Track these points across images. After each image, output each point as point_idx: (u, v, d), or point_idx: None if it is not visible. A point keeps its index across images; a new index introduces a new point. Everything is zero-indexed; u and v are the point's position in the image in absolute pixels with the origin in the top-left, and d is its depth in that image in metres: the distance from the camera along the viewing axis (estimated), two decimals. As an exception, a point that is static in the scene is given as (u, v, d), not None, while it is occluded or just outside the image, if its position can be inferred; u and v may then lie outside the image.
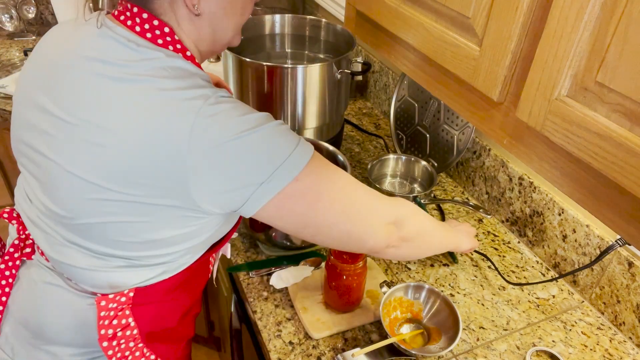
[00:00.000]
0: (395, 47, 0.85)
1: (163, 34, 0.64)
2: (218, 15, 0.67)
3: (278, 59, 1.40)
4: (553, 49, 0.52)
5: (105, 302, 0.68)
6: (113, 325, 0.69)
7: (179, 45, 0.65)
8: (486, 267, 1.07)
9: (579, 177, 0.55)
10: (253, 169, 0.60)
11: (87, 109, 0.60)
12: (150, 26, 0.63)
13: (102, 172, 0.60)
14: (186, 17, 0.65)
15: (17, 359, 0.76)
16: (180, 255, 0.71)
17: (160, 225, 0.64)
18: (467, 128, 1.20)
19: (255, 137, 0.60)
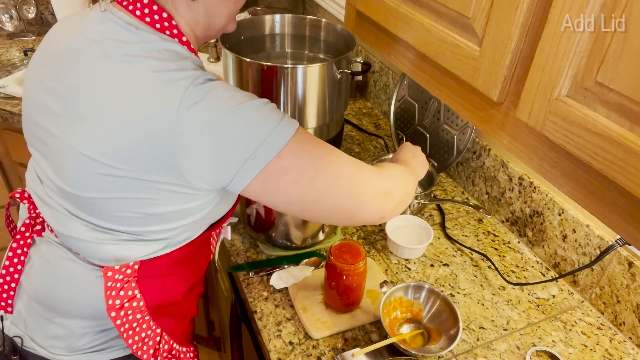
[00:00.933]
0: (395, 47, 0.85)
1: (161, 18, 0.67)
2: (213, 1, 0.70)
3: (278, 59, 1.40)
4: (553, 49, 0.52)
5: (111, 273, 0.71)
6: (120, 296, 0.72)
7: (175, 31, 0.68)
8: (486, 267, 1.07)
9: (579, 177, 0.55)
10: (238, 145, 0.62)
11: (86, 88, 0.64)
12: (149, 11, 0.67)
13: (100, 149, 0.63)
14: (183, 1, 0.69)
15: (30, 332, 0.79)
16: (181, 231, 0.73)
17: (159, 202, 0.67)
18: (467, 128, 1.20)
19: (240, 114, 0.62)
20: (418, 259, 1.09)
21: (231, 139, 0.62)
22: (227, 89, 0.64)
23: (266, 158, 0.63)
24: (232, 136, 0.62)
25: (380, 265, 1.06)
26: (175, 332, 0.84)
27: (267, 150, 0.63)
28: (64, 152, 0.66)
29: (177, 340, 0.85)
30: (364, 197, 0.72)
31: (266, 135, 0.63)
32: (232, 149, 0.62)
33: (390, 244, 1.09)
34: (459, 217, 1.21)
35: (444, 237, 1.15)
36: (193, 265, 0.83)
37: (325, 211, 0.71)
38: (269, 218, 1.01)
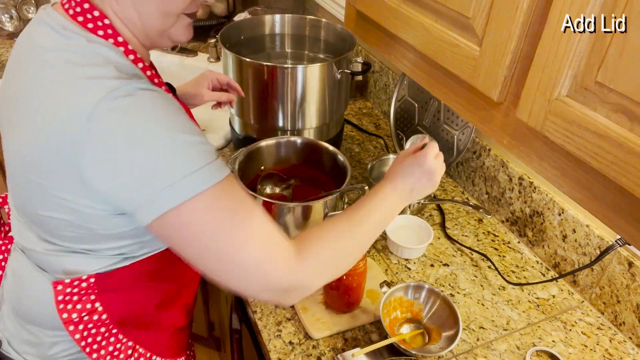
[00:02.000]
0: (395, 47, 0.85)
1: (94, 17, 0.63)
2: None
3: (278, 59, 1.40)
4: (553, 49, 0.52)
5: (62, 287, 0.68)
6: (77, 310, 0.70)
7: (110, 30, 0.63)
8: (486, 267, 1.07)
9: (579, 177, 0.55)
10: (136, 184, 0.56)
11: (20, 94, 0.63)
12: (81, 9, 0.62)
13: (23, 159, 0.61)
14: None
15: (8, 335, 0.78)
16: (136, 247, 0.70)
17: (88, 223, 0.63)
18: (467, 128, 1.20)
19: (147, 145, 0.55)
20: (418, 259, 1.09)
21: (131, 174, 0.56)
22: (147, 108, 0.57)
23: (162, 208, 0.56)
24: (132, 170, 0.55)
25: (380, 265, 1.06)
26: (155, 345, 0.81)
27: (165, 200, 0.56)
28: (7, 160, 0.66)
29: (159, 352, 0.82)
30: (266, 279, 0.62)
31: (169, 182, 0.55)
32: (131, 184, 0.56)
33: (390, 244, 1.09)
34: (459, 217, 1.21)
35: (444, 237, 1.15)
36: (166, 277, 0.79)
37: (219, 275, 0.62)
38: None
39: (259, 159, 1.15)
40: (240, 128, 1.31)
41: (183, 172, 0.56)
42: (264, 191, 1.14)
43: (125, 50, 0.64)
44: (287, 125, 1.22)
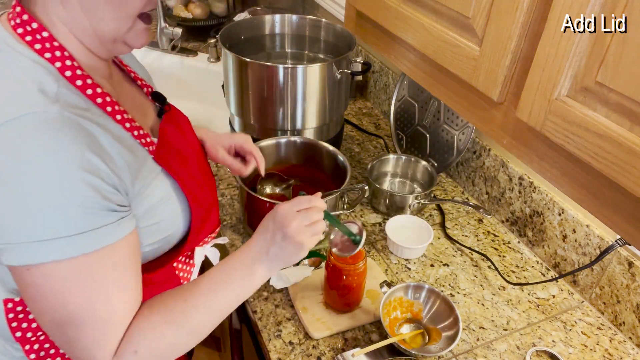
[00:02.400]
0: (395, 47, 0.85)
1: (33, 30, 0.59)
2: (88, 1, 0.59)
3: (278, 59, 1.40)
4: (553, 48, 0.52)
5: (12, 305, 0.66)
6: (32, 329, 0.68)
7: (47, 44, 0.59)
8: (486, 267, 1.07)
9: (579, 177, 0.55)
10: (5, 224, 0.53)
11: None
12: (21, 21, 0.59)
13: None
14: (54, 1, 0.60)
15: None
16: None
17: None
18: (467, 128, 1.20)
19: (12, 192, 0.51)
20: (418, 259, 1.09)
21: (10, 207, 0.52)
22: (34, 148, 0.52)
23: (13, 260, 0.54)
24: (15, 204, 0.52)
25: (380, 265, 1.06)
26: None
27: (20, 253, 0.53)
28: None
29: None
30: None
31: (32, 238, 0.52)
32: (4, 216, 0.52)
33: (390, 244, 1.09)
34: (459, 217, 1.21)
35: (444, 237, 1.15)
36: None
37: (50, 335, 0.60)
38: (269, 218, 1.01)
39: (259, 159, 1.15)
40: (240, 128, 1.31)
41: (38, 236, 0.52)
42: (264, 191, 1.14)
43: (63, 67, 0.59)
44: (287, 125, 1.22)
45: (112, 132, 0.60)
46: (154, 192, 0.67)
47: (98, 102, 0.62)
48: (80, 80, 0.60)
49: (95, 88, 0.62)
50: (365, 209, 1.22)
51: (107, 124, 0.61)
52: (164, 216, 0.69)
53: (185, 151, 0.78)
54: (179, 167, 0.73)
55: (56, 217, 0.53)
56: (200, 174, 0.79)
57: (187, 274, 0.84)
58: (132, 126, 0.66)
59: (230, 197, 1.22)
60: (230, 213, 1.17)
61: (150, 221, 0.67)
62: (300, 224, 0.67)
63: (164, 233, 0.71)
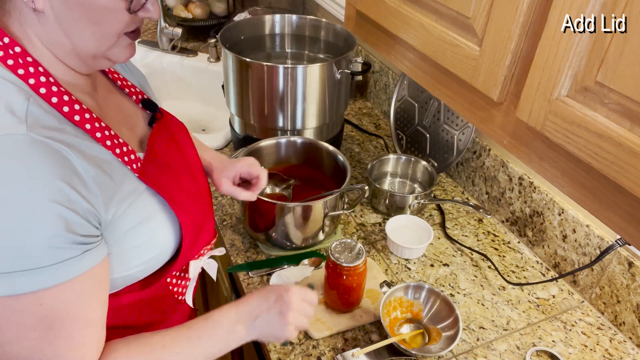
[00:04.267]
0: (395, 47, 0.85)
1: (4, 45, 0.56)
2: (65, 18, 0.57)
3: (278, 59, 1.40)
4: (553, 49, 0.52)
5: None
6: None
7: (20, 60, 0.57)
8: (486, 267, 1.07)
9: (579, 177, 0.55)
10: None
11: None
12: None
13: None
14: (26, 11, 0.56)
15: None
16: None
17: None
18: (467, 128, 1.20)
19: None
20: (418, 259, 1.09)
21: None
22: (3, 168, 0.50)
23: None
24: None
25: (380, 265, 1.06)
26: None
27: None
28: None
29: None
30: None
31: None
32: None
33: (390, 244, 1.09)
34: (459, 217, 1.21)
35: (444, 237, 1.15)
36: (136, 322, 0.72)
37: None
38: (269, 218, 1.01)
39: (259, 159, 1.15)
40: (240, 128, 1.31)
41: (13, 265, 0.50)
42: (264, 191, 1.14)
43: (37, 83, 0.56)
44: (287, 125, 1.22)
45: (86, 153, 0.57)
46: (135, 213, 0.64)
47: (75, 120, 0.59)
48: (55, 97, 0.57)
49: (72, 105, 0.59)
50: (365, 209, 1.22)
51: (81, 144, 0.58)
52: (148, 236, 0.66)
53: (176, 163, 0.74)
54: (167, 182, 0.69)
55: (16, 250, 0.50)
56: (193, 185, 0.76)
57: (182, 288, 0.81)
58: (115, 143, 0.63)
59: (230, 197, 1.22)
60: (230, 213, 1.17)
61: (132, 243, 0.64)
62: (299, 312, 0.71)
63: (150, 253, 0.68)
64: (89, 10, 0.56)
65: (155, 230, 0.67)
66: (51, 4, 0.55)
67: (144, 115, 0.77)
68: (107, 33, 0.59)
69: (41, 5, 0.55)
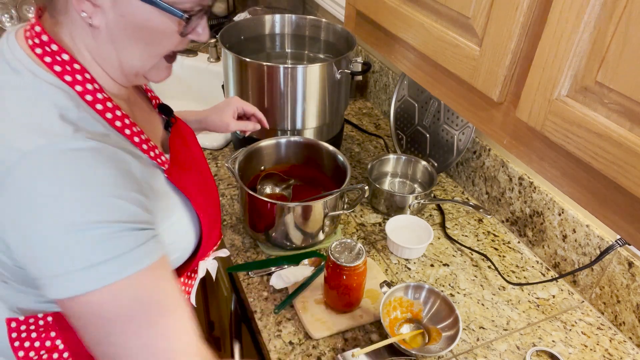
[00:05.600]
0: (395, 47, 0.85)
1: (52, 52, 0.57)
2: (119, 36, 0.58)
3: (278, 59, 1.40)
4: (553, 49, 0.52)
5: (15, 324, 0.65)
6: (35, 348, 0.65)
7: (68, 67, 0.58)
8: (486, 267, 1.07)
9: (579, 177, 0.55)
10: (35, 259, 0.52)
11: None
12: (40, 41, 0.58)
13: None
14: (80, 24, 0.58)
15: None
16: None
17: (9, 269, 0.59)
18: (467, 128, 1.20)
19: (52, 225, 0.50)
20: (418, 259, 1.09)
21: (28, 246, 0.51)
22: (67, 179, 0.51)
23: (57, 294, 0.52)
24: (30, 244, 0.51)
25: (380, 265, 1.06)
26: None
27: (59, 288, 0.51)
28: None
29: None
30: None
31: (63, 270, 0.51)
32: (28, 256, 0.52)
33: (390, 244, 1.09)
34: (459, 217, 1.21)
35: (444, 237, 1.15)
36: None
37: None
38: (269, 218, 1.01)
39: (259, 159, 1.15)
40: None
41: (75, 265, 0.51)
42: (264, 191, 1.14)
43: (84, 90, 0.58)
44: (287, 125, 1.22)
45: (134, 154, 0.60)
46: (164, 215, 0.65)
47: (117, 126, 0.61)
48: (100, 104, 0.59)
49: (114, 111, 0.61)
50: (365, 209, 1.22)
51: (128, 147, 0.60)
52: (174, 237, 0.68)
53: (192, 166, 0.76)
54: (189, 184, 0.71)
55: (91, 245, 0.51)
56: (205, 186, 0.78)
57: (189, 287, 0.84)
58: (149, 147, 0.65)
59: (230, 197, 1.22)
60: (230, 213, 1.17)
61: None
62: None
63: (175, 253, 0.70)
64: (143, 31, 0.58)
65: (179, 231, 0.69)
66: (107, 21, 0.57)
67: (160, 119, 0.79)
68: (155, 53, 0.62)
69: (98, 21, 0.56)
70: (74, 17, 0.57)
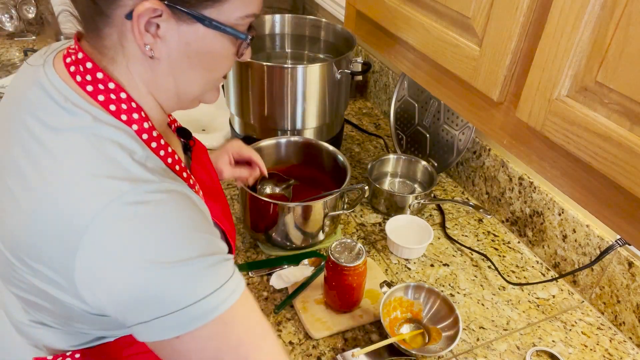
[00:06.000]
0: (395, 47, 0.85)
1: (107, 89, 0.54)
2: (180, 65, 0.56)
3: (278, 59, 1.40)
4: (553, 49, 0.52)
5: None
6: None
7: (124, 105, 0.54)
8: (486, 267, 1.07)
9: (579, 177, 0.55)
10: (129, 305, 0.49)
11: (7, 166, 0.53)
12: (92, 77, 0.54)
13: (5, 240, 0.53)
14: (138, 57, 0.54)
15: None
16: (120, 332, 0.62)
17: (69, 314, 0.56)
18: (467, 128, 1.20)
19: (153, 271, 0.48)
20: (418, 259, 1.09)
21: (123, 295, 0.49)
22: (156, 222, 0.49)
23: (157, 336, 0.50)
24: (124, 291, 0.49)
25: (380, 265, 1.06)
26: None
27: (159, 330, 0.49)
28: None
29: None
30: None
31: (165, 311, 0.48)
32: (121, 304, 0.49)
33: (390, 244, 1.09)
34: (459, 217, 1.21)
35: (444, 237, 1.15)
36: None
37: None
38: (269, 218, 1.01)
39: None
40: (240, 128, 1.31)
41: (185, 302, 0.49)
42: (264, 191, 1.14)
43: (140, 129, 0.55)
44: (287, 125, 1.22)
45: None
46: None
47: (168, 163, 0.59)
48: (155, 142, 0.57)
49: (166, 148, 0.59)
50: (365, 209, 1.22)
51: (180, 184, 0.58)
52: None
53: (213, 190, 0.75)
54: (216, 211, 0.70)
55: (191, 282, 0.49)
56: (222, 207, 0.77)
57: None
58: (187, 175, 0.64)
59: (230, 197, 1.22)
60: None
61: None
62: None
63: None
64: (207, 57, 0.56)
65: None
66: (169, 51, 0.54)
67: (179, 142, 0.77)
68: (214, 78, 0.60)
69: (159, 53, 0.53)
70: (130, 52, 0.54)
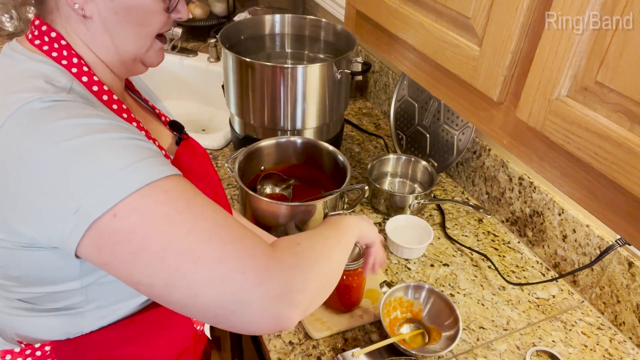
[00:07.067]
0: (395, 47, 0.85)
1: (51, 39, 0.59)
2: (112, 21, 0.60)
3: (278, 59, 1.40)
4: (553, 49, 0.52)
5: (10, 357, 0.62)
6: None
7: (65, 52, 0.59)
8: (486, 267, 1.07)
9: (579, 177, 0.55)
10: (61, 190, 0.47)
11: None
12: (39, 32, 0.59)
13: None
14: (74, 18, 0.59)
15: None
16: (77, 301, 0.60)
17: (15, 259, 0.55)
18: (467, 128, 1.20)
19: (73, 146, 0.48)
20: (418, 259, 1.09)
21: (55, 180, 0.47)
22: (72, 112, 0.50)
23: (92, 214, 0.47)
24: (56, 176, 0.47)
25: (380, 265, 1.06)
26: None
27: (94, 203, 0.46)
28: None
29: None
30: (242, 295, 0.49)
31: (96, 183, 0.47)
32: (51, 193, 0.47)
33: (390, 244, 1.09)
34: (459, 217, 1.21)
35: (444, 237, 1.15)
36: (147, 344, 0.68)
37: (184, 304, 0.49)
38: (269, 218, 1.01)
39: (259, 159, 1.15)
40: (240, 128, 1.31)
41: (109, 172, 0.47)
42: (264, 191, 1.14)
43: (79, 72, 0.59)
44: (287, 125, 1.22)
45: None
46: None
47: (113, 109, 0.61)
48: (96, 86, 0.60)
49: (111, 95, 0.62)
50: (365, 209, 1.22)
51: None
52: None
53: (199, 174, 0.75)
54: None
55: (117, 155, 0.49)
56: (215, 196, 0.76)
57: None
58: (151, 138, 0.65)
59: (230, 197, 1.22)
60: (230, 213, 1.17)
61: None
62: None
63: None
64: (134, 12, 0.60)
65: None
66: (99, 9, 0.58)
67: (172, 137, 0.79)
68: (147, 34, 0.63)
69: (90, 11, 0.58)
70: (65, 13, 0.59)
